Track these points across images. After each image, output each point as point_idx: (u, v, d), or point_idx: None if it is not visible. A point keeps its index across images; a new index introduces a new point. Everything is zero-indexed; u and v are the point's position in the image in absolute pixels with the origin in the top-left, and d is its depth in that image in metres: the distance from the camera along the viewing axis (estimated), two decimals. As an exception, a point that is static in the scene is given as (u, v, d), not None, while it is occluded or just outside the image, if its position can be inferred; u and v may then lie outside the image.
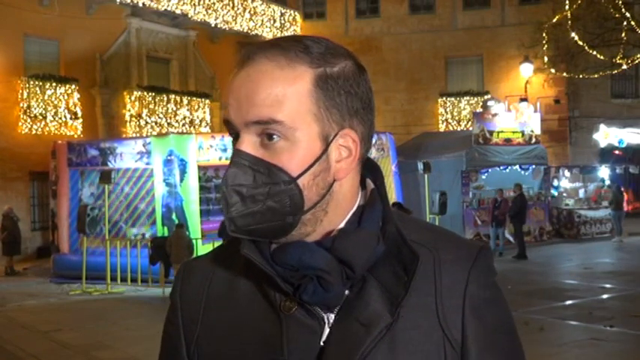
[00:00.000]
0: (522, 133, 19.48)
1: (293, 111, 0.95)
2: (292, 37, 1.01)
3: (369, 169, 1.08)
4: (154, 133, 20.10)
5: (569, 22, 20.66)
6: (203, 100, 22.90)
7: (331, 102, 0.98)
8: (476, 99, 25.49)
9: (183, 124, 22.00)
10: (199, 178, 14.19)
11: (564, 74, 23.23)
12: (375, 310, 0.97)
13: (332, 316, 0.99)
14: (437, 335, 0.98)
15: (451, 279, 1.00)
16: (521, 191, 16.93)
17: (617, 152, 26.13)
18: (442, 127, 25.91)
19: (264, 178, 0.95)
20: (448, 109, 26.31)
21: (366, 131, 1.02)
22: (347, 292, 0.99)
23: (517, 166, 19.20)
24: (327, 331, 0.98)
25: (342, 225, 1.01)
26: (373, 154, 15.07)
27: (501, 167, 18.86)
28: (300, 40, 1.00)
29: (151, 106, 21.27)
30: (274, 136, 0.95)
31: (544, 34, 22.19)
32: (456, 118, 26.14)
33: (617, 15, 19.75)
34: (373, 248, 0.98)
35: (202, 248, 12.50)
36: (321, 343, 0.97)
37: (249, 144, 0.97)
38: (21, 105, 18.50)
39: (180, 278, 1.12)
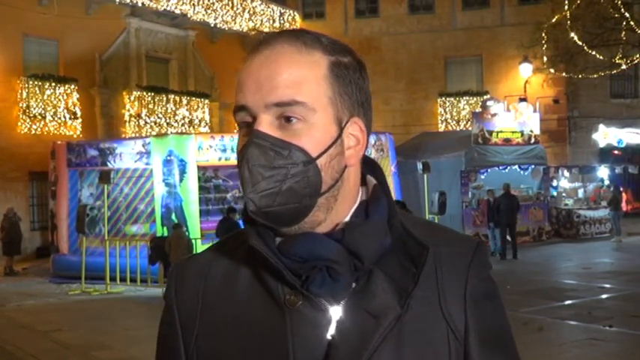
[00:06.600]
0: (521, 133, 19.49)
1: (312, 93, 0.98)
2: (300, 29, 1.03)
3: (369, 167, 1.09)
4: (154, 133, 20.10)
5: (569, 22, 20.66)
6: (202, 100, 22.91)
7: (344, 89, 1.01)
8: (475, 99, 25.51)
9: (183, 124, 22.00)
10: (199, 178, 14.19)
11: (563, 74, 23.24)
12: (383, 302, 0.98)
13: (338, 309, 0.99)
14: (441, 326, 1.00)
15: (452, 272, 1.02)
16: (508, 190, 16.62)
17: (616, 152, 26.15)
18: (441, 127, 25.92)
19: (284, 159, 0.96)
20: (447, 109, 26.32)
21: (368, 124, 1.05)
22: (354, 284, 0.99)
23: (516, 166, 19.21)
24: (334, 324, 0.98)
25: (347, 218, 1.03)
26: (373, 154, 15.05)
27: (501, 167, 18.86)
28: (307, 31, 1.03)
29: (151, 106, 21.28)
30: (292, 119, 0.97)
31: (543, 34, 22.18)
32: (456, 118, 26.15)
33: (616, 15, 19.75)
34: (381, 240, 1.00)
35: (202, 248, 12.45)
36: (329, 337, 0.97)
37: (268, 125, 0.98)
38: (20, 105, 18.51)
39: (174, 278, 1.11)
